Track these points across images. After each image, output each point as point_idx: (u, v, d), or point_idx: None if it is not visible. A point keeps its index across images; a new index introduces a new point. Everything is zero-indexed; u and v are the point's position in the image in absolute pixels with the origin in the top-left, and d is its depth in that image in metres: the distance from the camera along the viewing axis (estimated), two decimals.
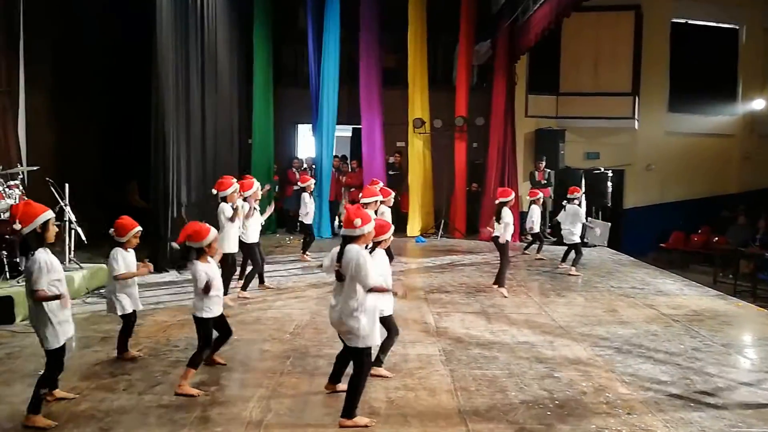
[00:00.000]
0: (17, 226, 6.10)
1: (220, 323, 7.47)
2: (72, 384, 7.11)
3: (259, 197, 11.74)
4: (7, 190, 11.32)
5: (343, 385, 6.91)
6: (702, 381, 7.80)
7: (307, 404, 6.80)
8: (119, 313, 8.02)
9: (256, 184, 11.65)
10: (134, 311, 8.14)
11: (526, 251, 16.88)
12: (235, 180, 11.18)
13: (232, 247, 10.74)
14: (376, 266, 6.73)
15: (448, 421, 6.50)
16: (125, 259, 7.99)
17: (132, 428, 6.19)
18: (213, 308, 7.17)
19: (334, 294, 6.55)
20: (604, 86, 21.83)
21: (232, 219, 10.62)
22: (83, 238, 11.80)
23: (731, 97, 22.85)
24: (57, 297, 6.08)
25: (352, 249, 6.34)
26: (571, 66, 22.11)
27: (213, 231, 7.21)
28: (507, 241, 12.29)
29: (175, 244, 7.24)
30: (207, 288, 6.92)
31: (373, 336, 6.39)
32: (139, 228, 8.16)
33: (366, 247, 6.56)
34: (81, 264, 11.79)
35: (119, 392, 7.03)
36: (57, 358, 6.28)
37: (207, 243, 7.09)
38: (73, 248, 11.92)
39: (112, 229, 8.08)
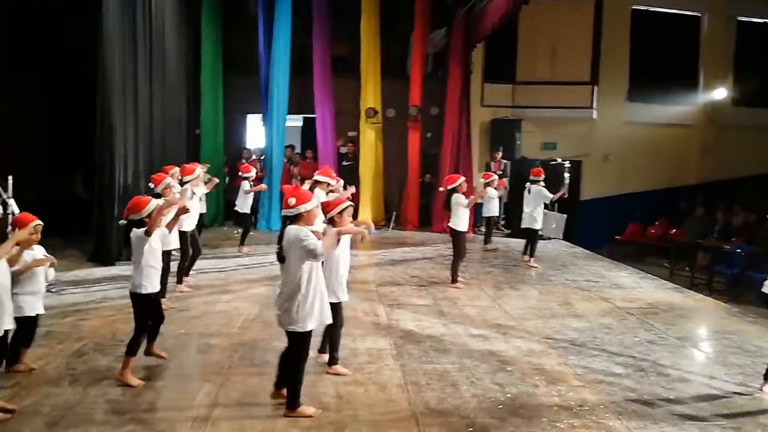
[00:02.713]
0: None
1: (155, 306, 7.34)
2: (15, 379, 6.97)
3: (200, 184, 11.37)
4: None
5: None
6: (656, 374, 7.72)
7: (256, 398, 6.65)
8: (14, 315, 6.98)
9: (198, 170, 11.29)
10: (36, 316, 7.31)
11: (487, 246, 16.46)
12: (170, 173, 10.80)
13: (173, 243, 10.02)
14: (338, 254, 6.96)
15: (398, 416, 6.38)
16: (24, 257, 7.12)
17: (78, 423, 6.05)
18: (150, 284, 7.06)
19: (281, 276, 6.41)
20: (561, 75, 21.56)
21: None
22: None
23: (692, 86, 22.77)
24: None
25: (291, 228, 6.18)
26: (529, 54, 21.79)
27: (153, 201, 7.10)
28: (462, 231, 12.10)
29: (121, 222, 6.94)
30: (148, 232, 6.91)
31: (311, 320, 6.20)
32: (38, 222, 7.17)
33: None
34: None
35: (64, 386, 6.85)
36: None
37: (146, 213, 6.97)
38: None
39: (9, 227, 7.74)
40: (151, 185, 10.26)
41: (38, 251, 7.32)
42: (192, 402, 6.52)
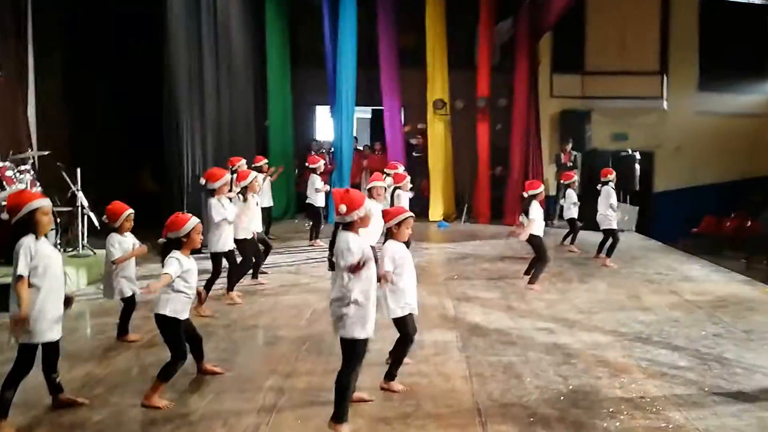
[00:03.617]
0: (4, 216, 5.97)
1: (188, 327, 6.87)
2: (86, 369, 7.25)
3: (257, 190, 11.07)
4: (18, 175, 11.36)
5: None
6: (719, 366, 7.70)
7: (321, 388, 6.71)
8: (118, 297, 8.20)
9: (253, 174, 10.97)
10: (133, 294, 8.22)
11: (564, 243, 15.93)
12: (238, 165, 10.99)
13: (228, 244, 10.02)
14: (392, 255, 6.65)
15: (461, 407, 6.49)
16: (121, 244, 8.06)
17: (145, 412, 6.29)
18: (175, 307, 6.58)
19: (331, 284, 6.26)
20: (631, 65, 21.39)
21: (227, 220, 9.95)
22: (96, 223, 11.51)
23: (764, 75, 22.32)
24: (20, 303, 5.82)
25: (342, 237, 5.96)
26: (597, 44, 21.67)
27: (193, 220, 6.77)
28: (537, 236, 11.76)
29: (160, 240, 6.81)
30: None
31: (365, 329, 5.94)
32: (131, 211, 8.13)
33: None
34: (94, 250, 11.58)
35: (133, 377, 7.17)
36: (26, 356, 5.93)
37: (185, 232, 6.65)
38: (86, 234, 11.83)
39: (104, 216, 8.09)
40: (203, 181, 10.22)
41: (129, 239, 8.03)
42: (258, 392, 6.71)
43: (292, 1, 20.37)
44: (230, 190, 10.36)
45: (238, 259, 10.38)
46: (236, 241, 10.25)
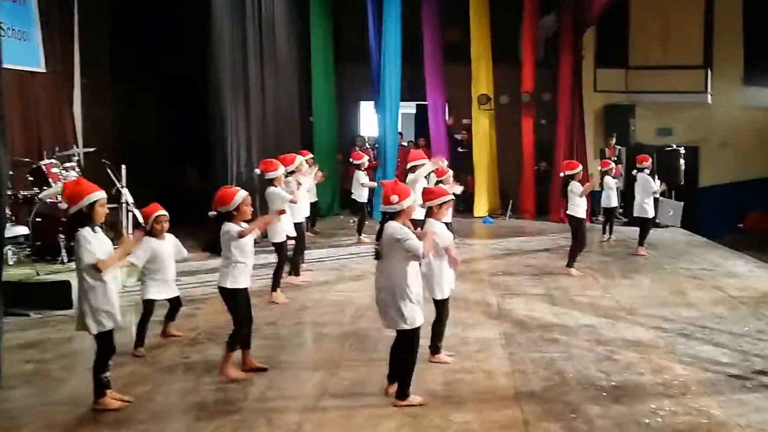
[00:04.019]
0: (63, 206, 6.14)
1: (246, 301, 7.25)
2: (131, 368, 7.36)
3: (305, 172, 11.40)
4: (63, 172, 11.51)
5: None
6: (762, 362, 7.78)
7: (365, 386, 6.93)
8: (142, 298, 8.02)
9: (299, 158, 11.32)
10: (154, 300, 8.01)
11: (604, 238, 16.13)
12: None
13: (288, 232, 10.43)
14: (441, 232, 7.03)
15: (504, 403, 6.62)
16: (148, 245, 7.76)
17: (190, 410, 6.47)
18: (236, 278, 7.03)
19: (376, 274, 6.54)
20: (674, 59, 21.26)
21: (293, 201, 10.31)
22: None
23: None
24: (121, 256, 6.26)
25: (391, 225, 6.28)
26: (641, 38, 21.57)
27: (241, 192, 7.13)
28: (581, 218, 12.17)
29: (210, 213, 7.14)
30: (243, 233, 6.98)
31: (419, 316, 6.36)
32: (162, 212, 7.90)
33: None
34: None
35: (177, 375, 7.29)
36: (105, 342, 6.26)
37: (235, 205, 7.01)
38: (131, 231, 11.79)
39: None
40: (258, 171, 10.43)
41: (170, 241, 7.94)
42: (302, 391, 6.82)
43: None
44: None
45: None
46: (294, 224, 10.70)
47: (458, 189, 11.59)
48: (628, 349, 8.21)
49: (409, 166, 11.47)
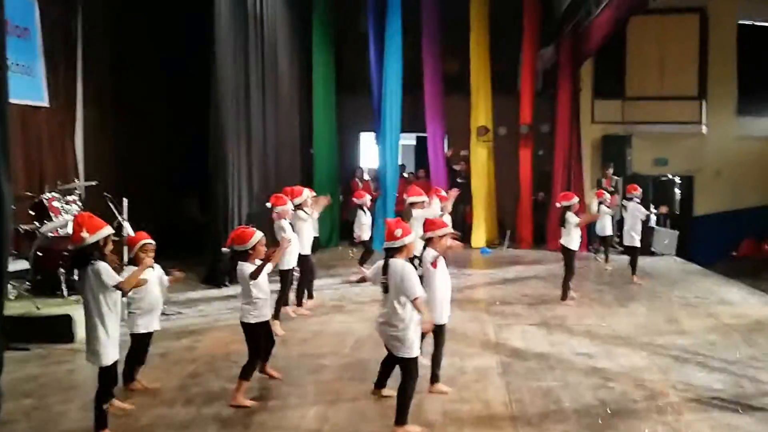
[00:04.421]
0: (85, 235, 6.20)
1: (266, 331, 7.70)
2: (132, 399, 7.35)
3: (309, 204, 11.48)
4: (65, 205, 11.58)
5: (388, 390, 7.28)
6: (754, 388, 7.93)
7: (365, 415, 7.03)
8: (130, 331, 7.69)
9: (306, 192, 11.47)
10: (150, 333, 7.79)
11: (598, 258, 16.56)
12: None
13: (292, 262, 10.62)
14: (439, 277, 7.33)
15: None
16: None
17: None
18: (259, 313, 7.42)
19: (381, 305, 6.80)
20: (670, 90, 21.55)
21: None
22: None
23: None
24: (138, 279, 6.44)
25: (397, 262, 6.57)
26: (637, 70, 21.87)
27: (258, 234, 7.41)
28: (574, 250, 12.42)
29: (224, 249, 7.42)
30: (254, 274, 7.23)
31: (417, 344, 6.62)
32: (148, 241, 7.57)
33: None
34: None
35: (178, 407, 7.28)
36: (109, 374, 6.41)
37: (251, 245, 7.32)
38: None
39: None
40: (269, 204, 10.55)
41: (156, 271, 7.74)
42: (302, 421, 6.89)
43: (338, 28, 20.60)
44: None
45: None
46: (300, 256, 10.96)
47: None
48: (623, 377, 8.32)
49: (408, 201, 11.61)
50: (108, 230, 6.44)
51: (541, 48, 20.60)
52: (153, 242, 7.59)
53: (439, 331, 7.53)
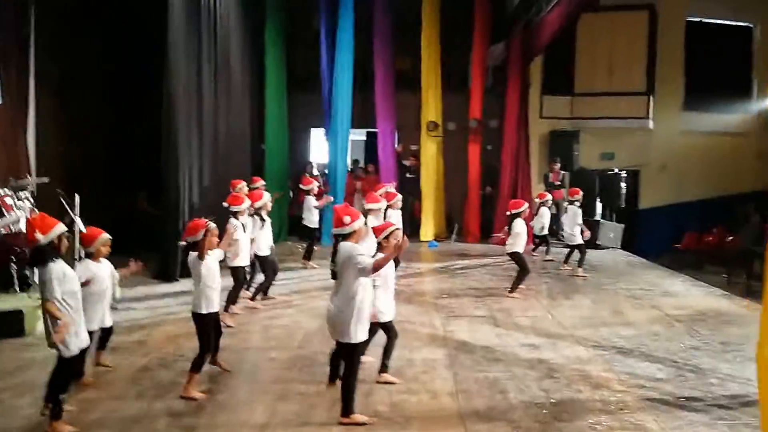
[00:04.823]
0: (39, 236, 6.23)
1: (216, 322, 7.71)
2: (82, 395, 7.21)
3: (270, 209, 11.60)
4: (17, 202, 11.45)
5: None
6: (696, 378, 8.08)
7: (313, 408, 7.00)
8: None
9: (267, 196, 11.58)
10: (98, 328, 7.69)
11: (534, 253, 16.66)
12: (238, 188, 11.42)
13: (245, 260, 10.61)
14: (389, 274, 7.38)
15: (448, 423, 6.75)
16: (90, 270, 7.47)
17: None
18: (208, 304, 7.42)
19: (332, 295, 6.80)
20: (618, 86, 21.74)
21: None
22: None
23: (746, 95, 22.75)
24: (57, 319, 6.20)
25: (345, 245, 6.61)
26: (586, 66, 22.10)
27: (210, 225, 7.43)
28: (518, 252, 12.52)
29: (181, 243, 7.39)
30: (201, 255, 7.31)
31: (364, 332, 6.64)
32: (108, 236, 7.57)
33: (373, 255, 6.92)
34: None
35: (129, 401, 7.21)
36: (69, 366, 6.41)
37: (201, 236, 7.35)
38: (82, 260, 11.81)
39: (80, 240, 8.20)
40: (226, 204, 10.55)
41: (105, 266, 7.64)
42: (251, 414, 6.86)
43: (291, 26, 20.59)
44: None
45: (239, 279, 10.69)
46: (259, 257, 11.20)
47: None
48: (568, 368, 8.41)
49: (366, 207, 11.48)
50: (61, 228, 6.47)
51: (491, 45, 20.69)
52: (110, 237, 7.62)
53: (387, 327, 7.59)
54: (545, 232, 16.28)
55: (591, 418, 6.81)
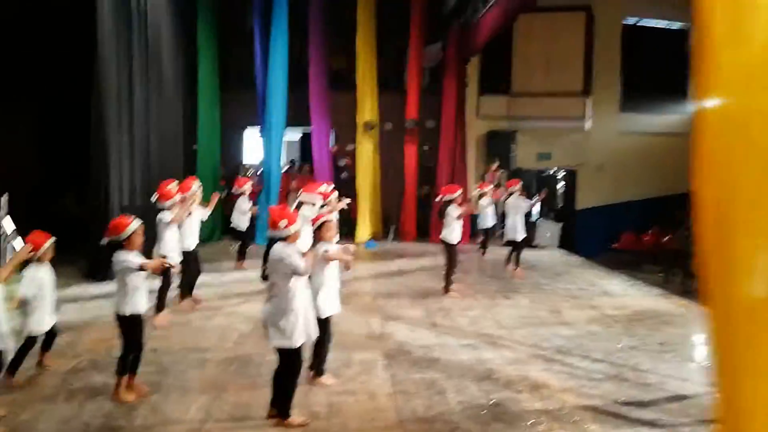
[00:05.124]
0: None
1: (139, 327, 7.34)
2: (11, 396, 7.10)
3: (198, 200, 11.19)
4: None
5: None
6: (634, 377, 8.06)
7: (248, 410, 6.89)
8: (26, 332, 7.67)
9: (196, 184, 11.20)
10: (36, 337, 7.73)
11: (483, 255, 16.61)
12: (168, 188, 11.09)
13: (174, 258, 10.27)
14: (329, 270, 7.38)
15: (386, 424, 6.68)
16: (36, 274, 7.58)
17: None
18: (133, 305, 7.11)
19: (266, 298, 6.66)
20: (555, 87, 21.71)
21: (174, 220, 10.24)
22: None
23: (683, 96, 22.96)
24: None
25: (276, 248, 6.49)
26: (523, 67, 22.03)
27: (135, 222, 7.15)
28: (454, 244, 12.38)
29: (102, 241, 7.10)
30: (142, 267, 7.06)
31: (299, 335, 6.46)
32: (53, 239, 7.66)
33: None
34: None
35: (60, 402, 7.06)
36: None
37: (126, 235, 7.03)
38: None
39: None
40: (154, 198, 10.42)
41: (50, 268, 7.62)
42: (185, 415, 6.76)
43: (223, 23, 20.26)
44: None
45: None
46: (185, 252, 10.73)
47: (345, 202, 11.58)
48: (507, 369, 8.33)
49: (299, 199, 11.21)
50: None
51: (428, 45, 20.62)
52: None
53: (324, 325, 7.38)
54: (489, 224, 16.32)
55: (531, 419, 6.74)
